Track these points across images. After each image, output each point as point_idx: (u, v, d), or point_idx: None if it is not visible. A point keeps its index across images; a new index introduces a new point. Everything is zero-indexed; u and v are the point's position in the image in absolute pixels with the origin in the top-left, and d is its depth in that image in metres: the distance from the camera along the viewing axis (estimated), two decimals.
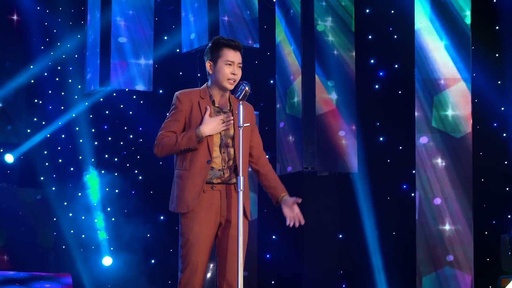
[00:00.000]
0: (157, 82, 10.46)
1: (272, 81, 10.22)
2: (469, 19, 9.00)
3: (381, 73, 10.05)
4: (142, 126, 10.99)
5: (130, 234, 10.58)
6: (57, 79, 11.04)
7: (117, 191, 10.84)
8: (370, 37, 10.06)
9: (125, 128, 11.06)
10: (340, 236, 9.91)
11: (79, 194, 10.81)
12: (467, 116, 9.01)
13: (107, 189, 10.82)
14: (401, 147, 9.81)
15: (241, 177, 4.70)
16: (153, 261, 10.78)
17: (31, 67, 10.78)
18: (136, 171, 11.02)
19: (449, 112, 9.07)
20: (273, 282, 10.23)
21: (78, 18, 10.92)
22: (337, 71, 9.62)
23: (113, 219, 10.74)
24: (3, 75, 10.67)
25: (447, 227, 8.99)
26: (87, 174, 10.80)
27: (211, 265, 8.70)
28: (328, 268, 9.76)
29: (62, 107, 10.92)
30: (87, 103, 10.81)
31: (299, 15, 9.55)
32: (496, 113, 9.47)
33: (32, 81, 10.86)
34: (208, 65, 4.94)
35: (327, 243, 9.82)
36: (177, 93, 4.94)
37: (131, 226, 10.60)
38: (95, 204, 10.76)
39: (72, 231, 10.68)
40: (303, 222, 5.04)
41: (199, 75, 10.06)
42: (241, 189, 4.69)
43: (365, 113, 9.86)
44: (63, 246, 10.67)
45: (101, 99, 10.77)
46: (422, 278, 9.01)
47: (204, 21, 9.68)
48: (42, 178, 10.81)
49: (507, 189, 9.25)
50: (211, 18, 9.60)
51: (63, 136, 10.94)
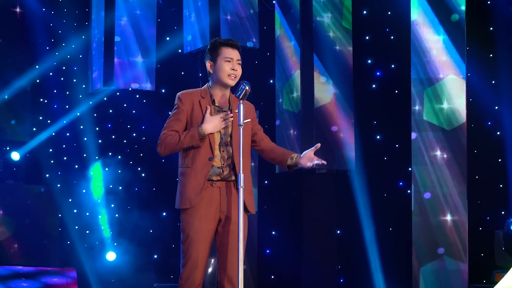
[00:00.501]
0: (159, 82, 10.46)
1: (271, 81, 10.21)
2: (464, 13, 9.02)
3: (378, 73, 10.05)
4: (145, 124, 11.00)
5: (133, 230, 10.59)
6: (62, 78, 11.05)
7: (120, 188, 10.85)
8: (367, 37, 10.06)
9: (129, 126, 11.07)
10: (338, 232, 9.91)
11: (84, 190, 10.82)
12: (462, 111, 9.01)
13: (110, 186, 10.82)
14: (397, 145, 9.81)
15: (241, 174, 4.71)
16: (155, 256, 10.79)
17: (37, 67, 10.79)
18: (139, 168, 11.02)
19: (445, 107, 9.07)
20: (272, 277, 10.24)
21: (82, 19, 10.93)
22: (335, 66, 9.60)
23: (116, 215, 10.75)
24: (9, 75, 10.67)
25: (442, 222, 8.99)
26: (91, 171, 10.80)
27: (212, 260, 8.70)
28: (326, 263, 9.76)
29: (67, 106, 10.93)
30: (91, 102, 10.82)
31: (298, 10, 9.53)
32: (490, 112, 9.47)
33: (38, 80, 10.87)
34: (208, 65, 4.96)
35: (325, 238, 9.82)
36: (178, 93, 4.96)
37: (134, 222, 10.62)
38: (99, 200, 10.77)
39: (76, 227, 10.70)
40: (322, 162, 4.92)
41: (200, 75, 10.06)
42: (241, 186, 4.70)
43: (362, 111, 9.86)
44: (68, 242, 10.68)
45: (105, 98, 10.78)
46: (418, 272, 9.01)
47: (205, 22, 9.69)
48: (47, 175, 10.82)
49: (501, 186, 9.25)
50: (212, 20, 9.60)
51: (68, 134, 10.95)
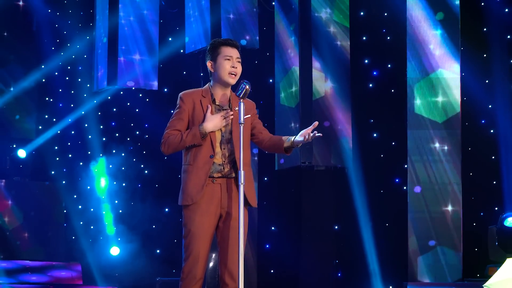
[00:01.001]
0: (162, 81, 10.46)
1: (271, 80, 10.22)
2: (459, 10, 9.05)
3: (374, 73, 10.06)
4: (148, 123, 11.00)
5: (136, 225, 10.60)
6: (67, 78, 11.05)
7: (124, 184, 10.86)
8: (364, 38, 10.07)
9: (132, 124, 11.07)
10: (336, 227, 9.92)
11: (88, 187, 10.83)
12: (457, 106, 9.03)
13: (114, 182, 10.83)
14: (393, 143, 9.82)
15: (241, 171, 4.72)
16: (158, 251, 10.80)
17: (43, 66, 10.80)
18: (142, 165, 11.03)
19: (439, 101, 9.09)
20: (272, 271, 10.25)
21: (86, 20, 10.94)
22: (333, 60, 9.59)
23: (120, 211, 10.76)
24: (16, 75, 10.68)
25: (438, 217, 9.01)
26: (96, 168, 10.81)
27: (213, 255, 8.71)
28: (324, 257, 9.77)
29: (72, 105, 10.93)
30: (95, 101, 10.83)
31: (297, 7, 9.53)
32: (484, 110, 9.49)
33: (44, 80, 10.88)
34: (209, 64, 4.98)
35: (323, 234, 9.83)
36: (180, 93, 4.98)
37: (138, 218, 10.62)
38: (103, 197, 10.77)
39: (81, 222, 10.71)
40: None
41: (202, 74, 10.06)
42: (241, 182, 4.71)
43: (359, 110, 9.87)
44: (73, 237, 10.69)
45: (109, 97, 10.79)
46: (414, 267, 9.03)
47: (207, 23, 9.69)
48: (53, 172, 10.83)
49: (494, 182, 9.27)
50: (213, 21, 9.61)
51: (72, 132, 10.96)
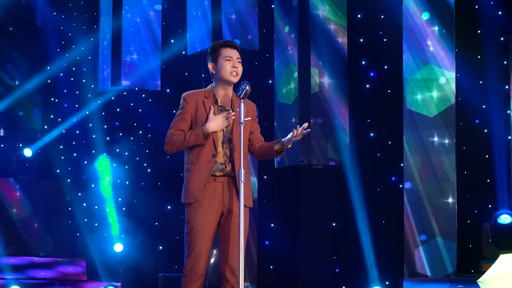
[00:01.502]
0: (164, 82, 10.47)
1: (270, 81, 10.22)
2: (453, 15, 9.06)
3: (371, 74, 10.06)
4: (151, 122, 11.00)
5: (139, 222, 10.60)
6: (72, 79, 11.06)
7: (127, 182, 10.86)
8: (361, 40, 10.07)
9: (135, 124, 11.07)
10: (334, 224, 9.92)
11: (92, 185, 10.83)
12: (452, 107, 9.06)
13: (118, 180, 10.83)
14: (390, 142, 9.82)
15: (242, 170, 4.73)
16: (160, 247, 10.80)
17: (48, 68, 10.80)
18: (145, 164, 11.03)
19: (434, 107, 9.10)
20: (271, 267, 10.25)
21: (91, 22, 10.94)
22: (331, 56, 9.59)
23: (123, 208, 10.76)
24: (22, 76, 10.68)
25: (433, 214, 9.02)
26: (100, 167, 10.81)
27: (215, 251, 8.71)
28: (322, 254, 9.77)
29: (77, 105, 10.94)
30: (99, 101, 10.83)
31: (296, 7, 9.53)
32: (478, 110, 9.49)
33: (49, 81, 10.88)
34: (210, 66, 4.98)
35: (321, 230, 9.83)
36: (184, 94, 4.98)
37: (141, 216, 10.62)
38: (107, 195, 10.78)
39: (86, 219, 10.71)
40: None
41: (203, 75, 10.06)
42: (242, 181, 4.71)
43: (357, 110, 9.87)
44: (78, 234, 10.69)
45: (113, 98, 10.79)
46: (410, 262, 9.03)
47: (208, 25, 9.69)
48: (58, 170, 10.84)
49: (488, 181, 9.27)
50: (214, 23, 9.62)
51: (77, 132, 10.96)
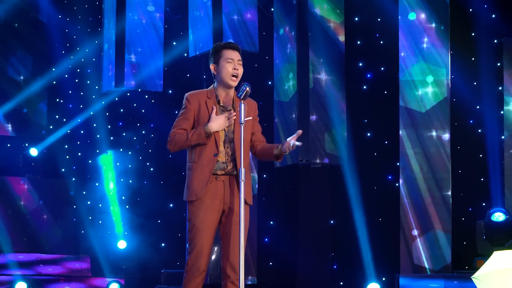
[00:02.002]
0: (167, 83, 10.48)
1: (270, 82, 10.22)
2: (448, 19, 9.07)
3: (368, 75, 10.06)
4: (154, 123, 11.01)
5: (142, 220, 10.60)
6: (76, 80, 11.07)
7: (130, 181, 10.86)
8: (358, 42, 10.07)
9: (138, 124, 11.08)
10: (332, 222, 9.92)
11: (97, 184, 10.83)
12: (447, 107, 9.07)
13: (121, 179, 10.84)
14: (386, 142, 9.82)
15: (242, 169, 4.73)
16: (163, 244, 10.81)
17: (53, 69, 10.80)
18: (148, 163, 11.04)
19: (430, 107, 9.11)
20: (271, 264, 10.25)
21: (95, 25, 10.94)
22: (328, 53, 9.58)
23: (127, 206, 10.76)
24: (28, 77, 10.69)
25: (428, 211, 9.02)
26: (104, 166, 10.82)
27: (216, 248, 8.71)
28: (320, 251, 9.76)
29: (81, 106, 10.95)
30: (103, 102, 10.84)
31: (295, 11, 9.54)
32: (472, 111, 9.50)
33: (54, 82, 10.88)
34: (212, 67, 4.98)
35: (320, 228, 9.82)
36: (186, 94, 4.97)
37: (143, 213, 10.63)
38: (110, 193, 10.78)
39: (90, 217, 10.72)
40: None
41: (204, 77, 10.06)
42: (242, 179, 4.71)
43: (354, 111, 9.87)
44: (82, 231, 10.70)
45: (116, 99, 10.80)
46: (406, 259, 9.04)
47: (209, 28, 9.70)
48: (63, 169, 10.84)
49: (482, 179, 9.27)
50: (215, 26, 9.62)
51: (82, 132, 10.97)
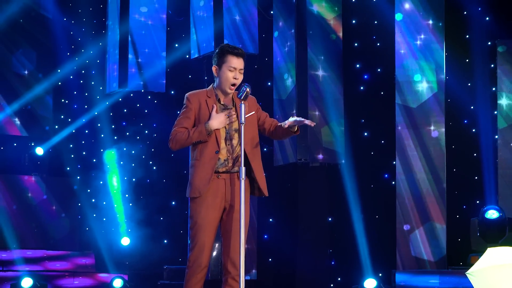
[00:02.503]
0: (169, 84, 10.49)
1: (269, 83, 10.24)
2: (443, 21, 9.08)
3: (365, 76, 10.08)
4: (156, 123, 11.02)
5: (145, 217, 10.61)
6: (81, 81, 11.08)
7: (134, 179, 10.87)
8: (356, 44, 10.08)
9: (141, 124, 11.09)
10: (330, 219, 9.93)
11: (101, 182, 10.85)
12: (442, 108, 9.08)
13: (125, 178, 10.85)
14: (383, 141, 9.84)
15: (243, 167, 4.73)
16: (165, 241, 10.82)
17: (59, 71, 10.82)
18: (151, 162, 11.05)
19: (426, 108, 9.13)
20: (270, 260, 10.27)
21: (99, 28, 10.96)
22: (327, 51, 9.59)
23: (130, 204, 10.77)
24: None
25: (424, 210, 9.04)
26: (108, 165, 10.83)
27: (217, 245, 8.73)
28: (319, 247, 9.78)
29: (86, 106, 10.96)
30: (107, 103, 10.85)
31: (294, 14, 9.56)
32: (466, 111, 9.53)
33: (60, 83, 10.90)
34: (214, 68, 4.97)
35: (318, 225, 9.84)
36: (187, 94, 4.98)
37: (147, 211, 10.64)
38: (114, 191, 10.79)
39: (94, 215, 10.73)
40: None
41: (206, 78, 10.07)
42: (242, 177, 4.72)
43: (351, 111, 9.88)
44: (87, 228, 10.71)
45: (120, 99, 10.81)
46: (402, 256, 9.05)
47: (210, 30, 9.71)
48: (68, 168, 10.86)
49: (475, 178, 9.29)
50: (216, 28, 9.64)
51: (86, 131, 10.98)
